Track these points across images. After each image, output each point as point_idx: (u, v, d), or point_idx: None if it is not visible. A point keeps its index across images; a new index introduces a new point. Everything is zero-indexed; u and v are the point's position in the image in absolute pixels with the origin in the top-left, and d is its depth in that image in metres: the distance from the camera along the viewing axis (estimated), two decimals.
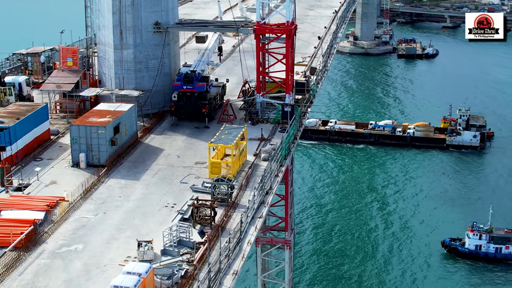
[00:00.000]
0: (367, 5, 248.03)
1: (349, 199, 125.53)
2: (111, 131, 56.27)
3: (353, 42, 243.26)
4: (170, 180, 53.93)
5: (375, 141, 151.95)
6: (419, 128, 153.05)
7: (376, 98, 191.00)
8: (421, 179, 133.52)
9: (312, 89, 74.28)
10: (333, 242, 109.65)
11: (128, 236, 44.77)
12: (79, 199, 50.08)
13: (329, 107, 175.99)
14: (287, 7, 67.54)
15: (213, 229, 45.48)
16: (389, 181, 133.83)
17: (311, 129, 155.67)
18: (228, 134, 55.75)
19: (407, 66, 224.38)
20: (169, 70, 69.71)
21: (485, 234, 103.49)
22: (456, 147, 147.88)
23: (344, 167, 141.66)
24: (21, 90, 69.93)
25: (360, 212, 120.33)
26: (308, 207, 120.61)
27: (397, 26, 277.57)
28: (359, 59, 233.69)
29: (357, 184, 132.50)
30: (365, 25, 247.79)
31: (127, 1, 66.58)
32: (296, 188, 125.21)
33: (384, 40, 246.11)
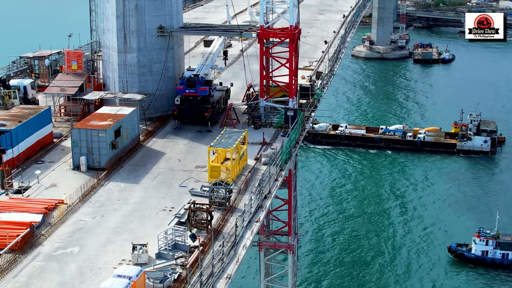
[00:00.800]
0: (383, 10, 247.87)
1: (356, 204, 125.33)
2: (111, 135, 56.45)
3: (369, 47, 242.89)
4: (170, 184, 54.02)
5: (386, 145, 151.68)
6: (430, 133, 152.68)
7: (390, 103, 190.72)
8: (430, 184, 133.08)
9: (316, 94, 74.17)
10: (338, 247, 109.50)
11: (124, 239, 44.87)
12: (78, 202, 50.24)
13: (338, 111, 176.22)
14: (290, 11, 67.52)
15: (209, 233, 45.51)
16: (397, 186, 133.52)
17: (322, 134, 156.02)
18: (228, 138, 55.80)
19: (422, 71, 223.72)
20: (173, 74, 69.91)
21: (492, 240, 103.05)
22: (466, 152, 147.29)
23: (352, 172, 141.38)
24: (26, 93, 70.29)
25: (366, 217, 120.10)
26: (315, 212, 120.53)
27: (414, 30, 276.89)
28: (374, 64, 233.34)
29: (364, 189, 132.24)
30: (381, 30, 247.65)
31: (131, 5, 66.86)
32: (303, 192, 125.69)
33: (400, 45, 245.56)
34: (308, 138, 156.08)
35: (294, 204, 74.03)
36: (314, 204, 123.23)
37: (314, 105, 73.00)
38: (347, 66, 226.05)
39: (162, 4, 68.10)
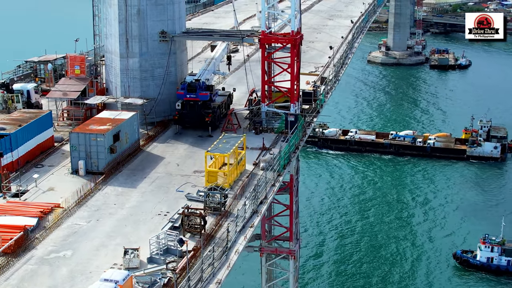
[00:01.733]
0: (400, 16, 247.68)
1: (362, 209, 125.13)
2: (110, 139, 56.65)
3: (385, 53, 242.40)
4: (167, 189, 54.16)
5: (395, 151, 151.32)
6: (440, 139, 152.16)
7: (403, 109, 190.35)
8: (438, 190, 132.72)
9: (319, 99, 74.12)
10: (342, 252, 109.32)
11: (118, 243, 45.01)
12: (74, 206, 50.47)
13: (349, 117, 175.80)
14: (292, 17, 67.53)
15: (202, 237, 45.60)
16: (404, 192, 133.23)
17: (331, 139, 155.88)
18: (226, 143, 55.89)
19: (438, 76, 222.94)
20: (175, 78, 70.10)
21: (497, 247, 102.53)
22: (476, 158, 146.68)
23: (360, 177, 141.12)
24: (29, 98, 70.78)
25: (372, 222, 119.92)
26: (320, 217, 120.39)
27: (431, 36, 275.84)
28: (390, 69, 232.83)
29: (372, 194, 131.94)
30: (397, 36, 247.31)
31: (133, 10, 67.20)
32: (310, 197, 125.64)
33: (416, 51, 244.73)
34: (318, 143, 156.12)
35: (296, 210, 73.91)
36: (320, 209, 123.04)
37: (317, 110, 72.90)
38: (362, 71, 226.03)
39: (164, 9, 68.34)
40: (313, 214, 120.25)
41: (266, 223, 73.99)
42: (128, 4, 67.12)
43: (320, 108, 74.55)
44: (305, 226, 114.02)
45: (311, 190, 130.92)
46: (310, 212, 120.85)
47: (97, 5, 71.18)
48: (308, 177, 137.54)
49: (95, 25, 71.85)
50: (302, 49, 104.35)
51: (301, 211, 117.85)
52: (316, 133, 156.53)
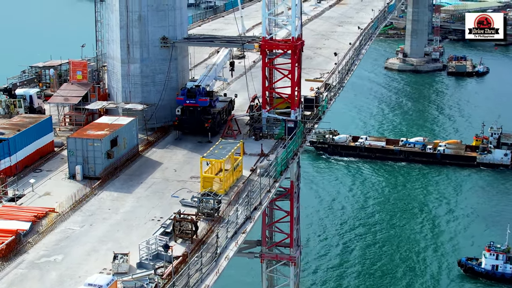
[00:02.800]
0: (417, 22, 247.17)
1: (369, 216, 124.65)
2: (107, 144, 56.93)
3: (402, 59, 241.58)
4: (162, 194, 54.35)
5: (405, 158, 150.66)
6: (450, 146, 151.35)
7: (416, 115, 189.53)
8: (445, 197, 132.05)
9: (321, 105, 74.08)
10: (345, 259, 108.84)
11: (109, 248, 45.21)
12: (69, 211, 50.74)
13: (356, 123, 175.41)
14: (292, 23, 67.61)
15: (189, 243, 45.73)
16: (411, 198, 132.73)
17: (341, 145, 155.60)
18: (222, 149, 56.01)
19: (455, 83, 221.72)
20: (176, 84, 70.34)
21: (502, 254, 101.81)
22: (486, 165, 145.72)
23: (368, 183, 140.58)
24: (32, 103, 71.25)
25: (377, 229, 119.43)
26: (326, 223, 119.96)
27: (449, 43, 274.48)
28: (407, 76, 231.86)
29: (379, 201, 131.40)
30: (415, 42, 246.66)
31: (134, 16, 67.54)
32: (317, 203, 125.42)
33: (434, 57, 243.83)
34: (328, 150, 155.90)
35: (297, 216, 73.86)
36: (326, 216, 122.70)
37: (318, 117, 72.85)
38: (378, 78, 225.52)
39: (166, 15, 68.63)
40: (319, 221, 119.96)
41: (266, 229, 73.96)
42: (129, 10, 67.47)
43: (322, 114, 74.41)
44: (309, 232, 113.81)
45: (318, 196, 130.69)
46: (316, 218, 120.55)
47: (99, 10, 71.63)
48: (315, 183, 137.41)
49: (98, 31, 72.24)
50: (309, 55, 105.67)
51: (307, 217, 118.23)
52: (326, 140, 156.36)
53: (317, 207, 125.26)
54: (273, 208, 74.33)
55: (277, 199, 72.60)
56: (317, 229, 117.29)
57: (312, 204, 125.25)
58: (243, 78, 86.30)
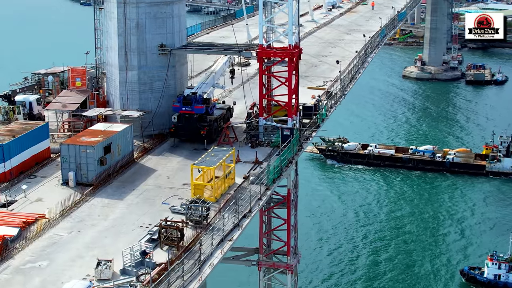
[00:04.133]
0: (436, 30, 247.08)
1: (373, 223, 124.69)
2: (100, 151, 57.20)
3: (420, 68, 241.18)
4: (153, 201, 54.49)
5: (414, 166, 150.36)
6: (459, 154, 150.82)
7: (430, 124, 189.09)
8: (452, 205, 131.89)
9: (320, 113, 73.95)
10: (345, 268, 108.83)
11: (95, 254, 45.29)
12: (58, 217, 51.01)
13: (367, 131, 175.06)
14: (289, 30, 67.57)
15: (179, 250, 45.81)
16: (417, 207, 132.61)
17: (350, 153, 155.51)
18: (214, 156, 56.10)
19: (472, 92, 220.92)
20: (174, 91, 70.53)
21: (505, 264, 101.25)
22: (495, 174, 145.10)
23: (374, 192, 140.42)
24: (31, 109, 71.72)
25: (379, 237, 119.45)
26: (329, 232, 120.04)
27: (469, 51, 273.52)
28: (425, 84, 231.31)
29: (384, 208, 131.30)
30: (433, 50, 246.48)
31: (132, 23, 67.91)
32: (322, 211, 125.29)
33: (452, 66, 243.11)
34: (337, 157, 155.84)
35: (295, 224, 73.74)
36: (330, 224, 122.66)
37: (317, 124, 72.71)
38: (395, 86, 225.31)
39: (164, 23, 68.92)
40: (322, 228, 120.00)
41: (264, 237, 73.89)
42: (127, 18, 67.87)
43: (321, 122, 74.24)
44: (311, 240, 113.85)
45: (323, 204, 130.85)
46: (319, 226, 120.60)
47: (98, 18, 72.10)
48: (322, 191, 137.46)
49: (97, 38, 72.68)
50: (314, 63, 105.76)
51: (313, 225, 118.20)
52: (335, 147, 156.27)
53: (322, 215, 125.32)
54: (270, 216, 74.21)
55: (274, 207, 72.61)
56: (319, 237, 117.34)
57: (317, 211, 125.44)
58: (246, 85, 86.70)
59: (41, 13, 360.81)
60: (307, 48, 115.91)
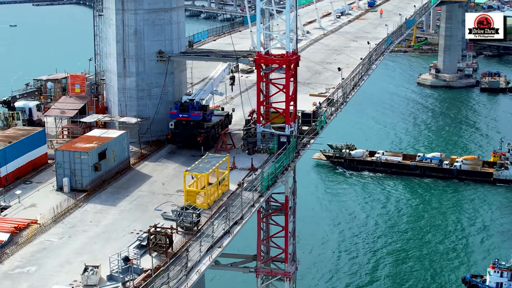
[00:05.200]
0: (450, 38, 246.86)
1: (376, 231, 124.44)
2: (94, 157, 57.43)
3: (435, 75, 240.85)
4: (145, 207, 54.62)
5: (421, 173, 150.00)
6: (467, 162, 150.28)
7: (440, 131, 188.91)
8: (457, 213, 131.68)
9: (319, 120, 73.91)
10: (347, 274, 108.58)
11: (83, 260, 45.41)
12: (51, 223, 51.26)
13: (377, 137, 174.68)
14: (286, 37, 67.61)
15: (168, 256, 45.90)
16: (421, 214, 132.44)
17: (358, 160, 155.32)
18: (207, 163, 56.22)
19: (486, 100, 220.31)
20: (173, 98, 70.79)
21: (507, 272, 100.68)
22: (503, 181, 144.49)
23: (381, 198, 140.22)
24: (31, 115, 72.17)
25: (381, 243, 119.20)
26: (331, 238, 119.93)
27: (484, 59, 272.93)
28: (439, 92, 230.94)
29: (388, 216, 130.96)
30: (447, 58, 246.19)
31: (130, 30, 68.27)
32: (326, 218, 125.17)
33: (467, 73, 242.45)
34: (344, 164, 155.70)
35: (293, 231, 73.72)
36: (332, 230, 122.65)
37: (316, 132, 72.65)
38: (408, 93, 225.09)
39: (162, 30, 69.22)
40: (324, 236, 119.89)
41: (262, 244, 73.91)
42: (126, 24, 68.25)
43: (320, 129, 74.19)
44: (312, 247, 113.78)
45: (328, 210, 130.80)
46: (321, 233, 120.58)
47: (98, 25, 72.48)
48: (327, 197, 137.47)
49: (96, 45, 73.07)
50: (318, 70, 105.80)
51: (312, 232, 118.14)
52: (342, 154, 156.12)
53: (325, 222, 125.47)
54: (269, 223, 74.25)
55: (272, 213, 72.66)
56: (320, 244, 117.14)
57: (320, 218, 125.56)
58: (248, 92, 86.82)
59: (61, 21, 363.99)
60: (312, 55, 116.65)
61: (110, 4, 69.26)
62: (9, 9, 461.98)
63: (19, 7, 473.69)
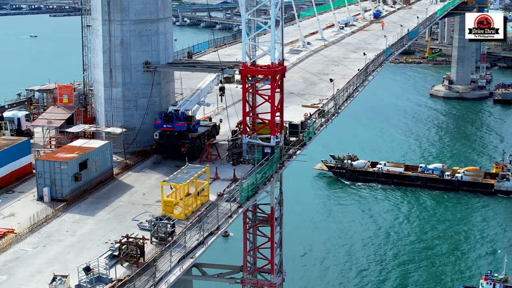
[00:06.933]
0: (464, 49, 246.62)
1: (373, 241, 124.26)
2: (75, 167, 57.68)
3: (448, 86, 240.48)
4: (123, 217, 54.80)
5: (422, 184, 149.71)
6: (468, 173, 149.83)
7: (447, 142, 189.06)
8: (455, 224, 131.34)
9: (307, 131, 73.91)
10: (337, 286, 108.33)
11: (55, 270, 45.59)
12: (27, 232, 51.52)
13: (381, 148, 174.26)
14: (271, 48, 67.71)
15: (138, 266, 46.02)
16: (418, 226, 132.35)
17: (359, 170, 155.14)
18: (186, 173, 56.40)
19: (498, 111, 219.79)
20: (159, 109, 70.95)
21: (499, 284, 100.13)
22: (504, 193, 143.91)
23: (380, 209, 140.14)
24: (19, 125, 72.59)
25: (376, 255, 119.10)
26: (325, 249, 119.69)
27: (498, 70, 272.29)
28: (452, 103, 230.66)
29: (383, 227, 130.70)
30: (460, 69, 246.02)
31: (117, 40, 68.61)
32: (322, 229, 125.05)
33: (480, 85, 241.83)
34: (346, 175, 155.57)
35: (279, 241, 73.61)
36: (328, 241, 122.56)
37: (303, 143, 72.65)
38: (420, 105, 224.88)
39: (149, 40, 69.52)
40: (318, 246, 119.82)
41: (248, 255, 73.85)
42: (112, 35, 68.63)
43: (308, 140, 74.17)
44: (305, 258, 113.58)
45: (325, 221, 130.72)
46: (315, 244, 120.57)
47: (86, 35, 72.90)
48: (326, 208, 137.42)
49: (85, 55, 73.50)
50: (313, 81, 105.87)
51: (307, 243, 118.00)
52: (344, 165, 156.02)
53: (322, 232, 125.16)
54: (256, 234, 74.22)
55: (258, 224, 72.64)
56: (312, 255, 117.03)
57: (317, 229, 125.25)
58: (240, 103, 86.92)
59: (76, 32, 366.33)
60: (309, 66, 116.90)
61: (97, 15, 69.70)
62: (27, 20, 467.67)
63: (37, 18, 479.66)
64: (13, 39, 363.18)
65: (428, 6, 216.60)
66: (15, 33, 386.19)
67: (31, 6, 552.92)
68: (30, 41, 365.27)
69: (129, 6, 68.22)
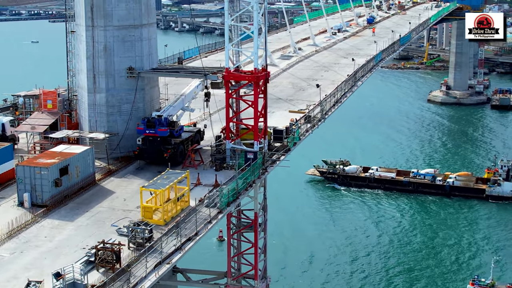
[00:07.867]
0: (461, 55, 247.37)
1: (362, 247, 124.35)
2: (55, 173, 57.69)
3: (445, 92, 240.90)
4: (103, 223, 54.81)
5: (414, 189, 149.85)
6: (460, 178, 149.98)
7: (442, 148, 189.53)
8: (445, 229, 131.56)
9: (291, 137, 73.97)
10: None
11: (30, 275, 45.61)
12: (5, 238, 51.53)
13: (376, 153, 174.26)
14: (254, 54, 67.84)
15: (114, 272, 46.02)
16: (407, 230, 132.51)
17: (351, 176, 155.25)
18: (166, 179, 56.45)
19: (496, 117, 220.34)
20: (143, 114, 70.96)
21: None
22: (495, 198, 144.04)
23: (372, 215, 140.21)
24: (4, 131, 72.59)
25: (364, 260, 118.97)
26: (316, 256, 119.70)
27: (496, 76, 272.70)
28: (449, 109, 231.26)
29: (373, 232, 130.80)
30: (458, 75, 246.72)
31: (100, 46, 68.69)
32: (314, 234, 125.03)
33: (478, 90, 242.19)
34: (337, 180, 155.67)
35: (263, 247, 73.63)
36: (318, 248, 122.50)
37: (287, 148, 72.70)
38: (416, 110, 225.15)
39: (132, 46, 69.62)
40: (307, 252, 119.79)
41: (232, 261, 73.84)
42: (95, 41, 68.71)
43: (293, 146, 74.21)
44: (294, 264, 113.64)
45: (316, 226, 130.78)
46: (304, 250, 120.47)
47: (70, 41, 73.03)
48: (317, 213, 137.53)
49: (69, 61, 73.61)
50: (302, 86, 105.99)
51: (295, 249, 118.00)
52: (336, 170, 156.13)
53: (311, 238, 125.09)
54: (240, 240, 74.20)
55: (242, 230, 72.64)
56: (298, 260, 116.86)
57: (306, 234, 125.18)
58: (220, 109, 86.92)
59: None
60: (299, 72, 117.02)
61: (81, 21, 69.81)
62: (27, 25, 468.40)
63: (36, 24, 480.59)
64: (14, 44, 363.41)
65: (422, 12, 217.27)
66: (16, 38, 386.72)
67: (30, 12, 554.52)
68: (32, 46, 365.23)
69: (112, 12, 68.31)
